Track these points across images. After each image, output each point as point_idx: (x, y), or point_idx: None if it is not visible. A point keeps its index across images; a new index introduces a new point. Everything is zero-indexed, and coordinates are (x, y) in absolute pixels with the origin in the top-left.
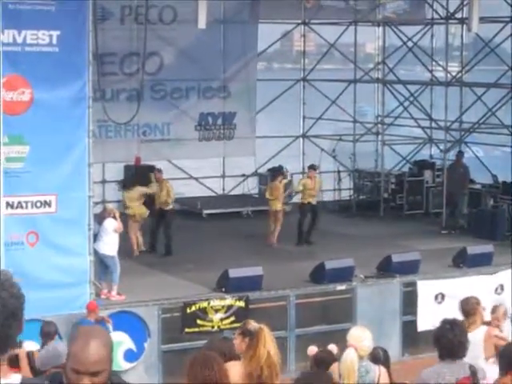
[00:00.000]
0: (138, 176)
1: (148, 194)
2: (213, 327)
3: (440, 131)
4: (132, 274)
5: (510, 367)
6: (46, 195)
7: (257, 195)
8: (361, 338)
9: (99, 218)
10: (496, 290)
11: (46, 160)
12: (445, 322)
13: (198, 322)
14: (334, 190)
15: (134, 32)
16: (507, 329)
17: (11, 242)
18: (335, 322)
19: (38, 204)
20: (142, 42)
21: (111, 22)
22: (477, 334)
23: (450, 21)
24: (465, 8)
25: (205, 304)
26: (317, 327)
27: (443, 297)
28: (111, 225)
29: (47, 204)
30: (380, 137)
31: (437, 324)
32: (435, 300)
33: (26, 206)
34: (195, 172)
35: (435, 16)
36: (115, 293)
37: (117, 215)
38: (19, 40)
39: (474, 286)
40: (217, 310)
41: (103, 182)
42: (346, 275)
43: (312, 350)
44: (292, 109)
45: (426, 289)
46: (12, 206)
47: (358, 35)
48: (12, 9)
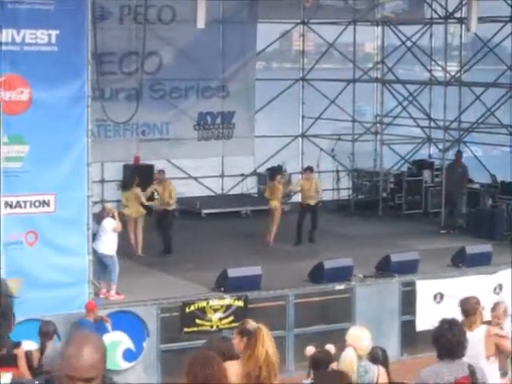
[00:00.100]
0: (138, 176)
1: (146, 196)
2: (212, 327)
3: (439, 131)
4: (131, 274)
5: None
6: (44, 195)
7: (256, 195)
8: (360, 338)
9: (98, 218)
10: (495, 289)
11: (44, 159)
12: (443, 322)
13: (197, 321)
14: (333, 190)
15: (133, 31)
16: (507, 326)
17: (10, 241)
18: (334, 321)
19: (37, 203)
20: (141, 41)
21: (110, 21)
22: (477, 333)
23: (449, 20)
24: (464, 8)
25: (204, 304)
26: (316, 327)
27: (442, 296)
28: (110, 224)
29: (46, 203)
30: (379, 136)
31: (435, 324)
32: (434, 300)
33: (25, 206)
34: (194, 171)
35: (434, 16)
36: (114, 292)
37: (115, 215)
38: (18, 39)
39: (473, 286)
40: (216, 310)
41: (102, 181)
42: (344, 275)
43: (310, 350)
44: (291, 108)
45: (425, 288)
46: (11, 206)
47: (356, 35)
48: (11, 8)
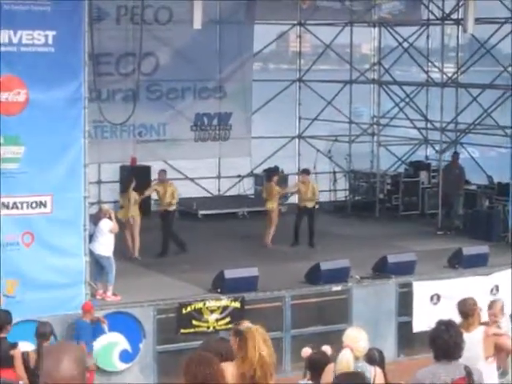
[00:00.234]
0: (135, 177)
1: (143, 198)
2: (208, 328)
3: (435, 132)
4: (127, 275)
5: None
6: (41, 196)
7: (252, 196)
8: (357, 339)
9: (95, 219)
10: (491, 290)
11: (41, 160)
12: (440, 323)
13: (194, 322)
14: (330, 191)
15: (130, 32)
16: (506, 325)
17: (6, 242)
18: (331, 322)
19: (34, 204)
20: (138, 42)
21: (107, 22)
22: (475, 334)
23: (446, 22)
24: (460, 9)
25: (200, 305)
26: (312, 328)
27: (439, 298)
28: (107, 225)
29: (43, 204)
30: (376, 138)
31: (432, 325)
32: (431, 301)
33: (22, 207)
34: (191, 172)
35: (431, 17)
36: (111, 293)
37: (112, 216)
38: (15, 40)
39: (470, 287)
40: (212, 311)
41: (99, 182)
42: (341, 276)
43: (306, 351)
44: (288, 109)
45: (422, 289)
46: (7, 207)
47: (353, 36)
48: (7, 9)
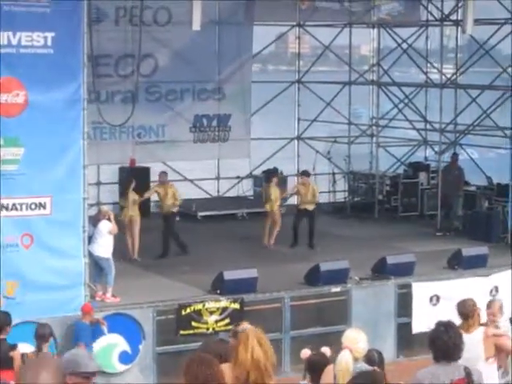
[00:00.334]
0: (134, 179)
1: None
2: (208, 329)
3: (435, 133)
4: (127, 276)
5: None
6: (40, 197)
7: (251, 197)
8: (356, 340)
9: (94, 220)
10: (491, 291)
11: (40, 162)
12: (440, 324)
13: (193, 324)
14: (329, 192)
15: (129, 33)
16: (504, 325)
17: (6, 244)
18: (330, 324)
19: (33, 206)
20: (137, 43)
21: (106, 23)
22: (475, 335)
23: (445, 23)
24: (460, 10)
25: (200, 306)
26: (312, 329)
27: (438, 299)
28: (106, 227)
29: (42, 206)
30: (375, 139)
31: (432, 326)
32: (430, 302)
33: (21, 208)
34: (190, 174)
35: (430, 18)
36: (110, 295)
37: (111, 217)
38: (14, 42)
39: (469, 288)
40: (212, 312)
41: (98, 183)
42: (340, 277)
43: (305, 353)
44: (287, 111)
45: (421, 291)
46: (7, 208)
47: (352, 37)
48: (6, 10)
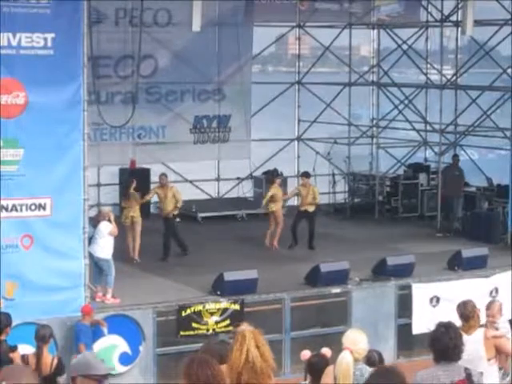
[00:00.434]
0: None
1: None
2: (208, 330)
3: (435, 134)
4: (127, 278)
5: None
6: (40, 198)
7: (252, 198)
8: (356, 341)
9: (94, 221)
10: (491, 292)
11: (40, 163)
12: (440, 325)
13: (193, 325)
14: (329, 193)
15: (129, 34)
16: (504, 326)
17: (6, 244)
18: (330, 324)
19: (33, 207)
20: (137, 44)
21: (106, 24)
22: (476, 336)
23: (445, 24)
24: (459, 11)
25: (200, 307)
26: (312, 330)
27: (438, 300)
28: (106, 228)
29: (42, 207)
30: (375, 140)
31: (432, 327)
32: (430, 303)
33: (21, 209)
34: (190, 175)
35: (430, 19)
36: (110, 296)
37: (112, 218)
38: (14, 43)
39: (469, 289)
40: (212, 313)
41: (98, 185)
42: (341, 278)
43: (305, 354)
44: (287, 112)
45: (421, 292)
46: (6, 209)
47: (352, 38)
48: (6, 11)
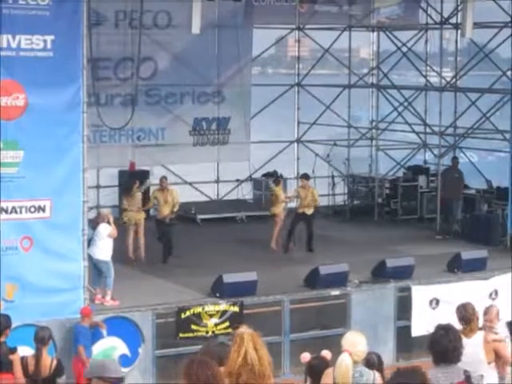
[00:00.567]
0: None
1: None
2: (207, 332)
3: (434, 136)
4: (126, 280)
5: None
6: (40, 200)
7: (251, 200)
8: (356, 343)
9: (93, 223)
10: (490, 295)
11: (40, 165)
12: (439, 328)
13: (193, 327)
14: (329, 195)
15: (129, 37)
16: (502, 331)
17: (5, 246)
18: (330, 327)
19: (33, 209)
20: (137, 46)
21: (105, 26)
22: (476, 339)
23: (445, 26)
24: (459, 13)
25: (199, 309)
26: (311, 332)
27: (438, 302)
28: (105, 230)
29: (41, 209)
30: (374, 142)
31: (431, 329)
32: (429, 305)
33: (21, 211)
34: (189, 177)
35: (429, 21)
36: (109, 298)
37: (111, 220)
38: (13, 45)
39: (469, 292)
40: (211, 315)
41: (97, 187)
42: (340, 280)
43: (305, 356)
44: (286, 114)
45: (421, 294)
46: (6, 211)
47: (352, 40)
48: (6, 13)
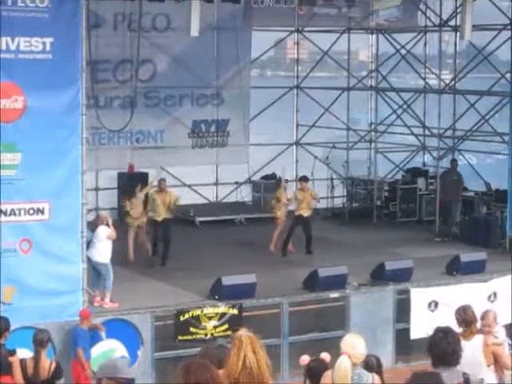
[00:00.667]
0: (133, 183)
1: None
2: (206, 335)
3: (433, 139)
4: (125, 282)
5: None
6: (39, 202)
7: (250, 203)
8: (355, 346)
9: (92, 226)
10: (489, 297)
11: (39, 167)
12: (438, 330)
13: (192, 329)
14: (327, 198)
15: (128, 39)
16: (501, 334)
17: (4, 249)
18: (328, 329)
19: (31, 211)
20: (136, 49)
21: (104, 28)
22: (475, 342)
23: (444, 28)
24: (458, 16)
25: (198, 312)
26: (310, 335)
27: (436, 304)
28: (104, 232)
29: (40, 211)
30: (373, 144)
31: (430, 332)
32: (428, 308)
33: (19, 214)
34: (188, 179)
35: (428, 23)
36: (108, 300)
37: (110, 222)
38: (12, 47)
39: (468, 294)
40: (210, 318)
41: (96, 189)
42: (339, 283)
43: (304, 359)
44: (285, 116)
45: (419, 296)
46: (5, 214)
47: (351, 43)
48: (5, 16)
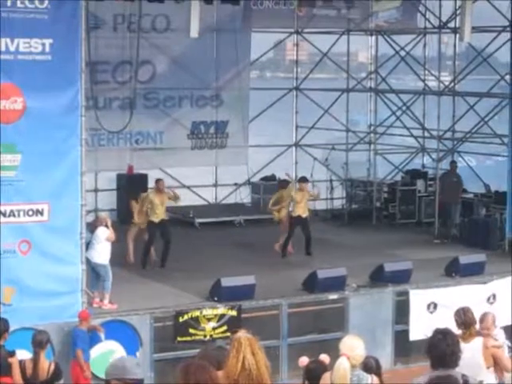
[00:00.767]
0: (132, 185)
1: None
2: (205, 336)
3: (432, 140)
4: (124, 283)
5: None
6: (38, 204)
7: (249, 204)
8: (354, 347)
9: (91, 227)
10: (488, 299)
11: (38, 168)
12: (437, 332)
13: (191, 330)
14: (327, 199)
15: (127, 40)
16: (500, 337)
17: (3, 250)
18: (327, 331)
19: (31, 212)
20: (135, 50)
21: (104, 30)
22: (475, 344)
23: (443, 30)
24: (457, 17)
25: (197, 313)
26: (309, 336)
27: (435, 306)
28: (103, 233)
29: (39, 212)
30: (372, 146)
31: (429, 333)
32: (427, 309)
33: (19, 215)
34: (188, 181)
35: (428, 25)
36: (107, 301)
37: (109, 224)
38: (12, 48)
39: (467, 296)
40: (209, 319)
41: (95, 190)
42: (338, 284)
43: (303, 361)
44: (285, 118)
45: (419, 298)
46: (4, 215)
47: (350, 44)
48: (5, 17)
